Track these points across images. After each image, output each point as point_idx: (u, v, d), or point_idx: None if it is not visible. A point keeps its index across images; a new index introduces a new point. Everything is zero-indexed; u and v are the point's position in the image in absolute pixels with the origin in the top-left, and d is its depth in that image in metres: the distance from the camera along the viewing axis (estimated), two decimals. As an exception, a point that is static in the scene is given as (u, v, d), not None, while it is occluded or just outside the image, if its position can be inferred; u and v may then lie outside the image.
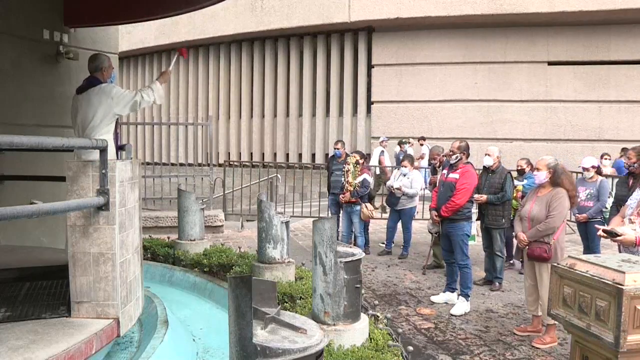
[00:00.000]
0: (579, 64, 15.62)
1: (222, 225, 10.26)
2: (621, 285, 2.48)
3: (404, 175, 8.59)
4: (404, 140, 14.63)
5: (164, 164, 18.93)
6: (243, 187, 12.35)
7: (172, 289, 6.05)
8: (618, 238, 4.06)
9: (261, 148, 18.76)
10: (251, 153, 18.80)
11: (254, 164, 15.74)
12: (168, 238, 7.57)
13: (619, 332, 2.47)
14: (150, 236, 7.69)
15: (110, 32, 7.90)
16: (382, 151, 13.95)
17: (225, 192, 11.98)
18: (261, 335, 2.37)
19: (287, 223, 5.71)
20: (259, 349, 2.23)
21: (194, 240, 6.93)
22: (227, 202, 12.02)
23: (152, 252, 6.83)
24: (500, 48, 15.74)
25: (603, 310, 2.58)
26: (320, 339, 2.43)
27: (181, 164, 15.96)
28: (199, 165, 11.95)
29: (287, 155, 18.24)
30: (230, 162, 14.85)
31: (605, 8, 14.12)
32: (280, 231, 5.61)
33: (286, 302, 4.79)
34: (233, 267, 5.87)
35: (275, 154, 18.39)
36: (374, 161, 13.84)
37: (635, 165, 6.01)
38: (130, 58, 21.32)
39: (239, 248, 7.27)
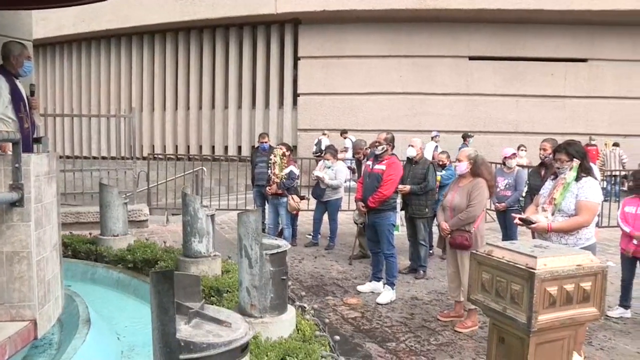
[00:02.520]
0: (498, 59, 16.27)
1: (146, 220, 10.03)
2: (533, 269, 2.60)
3: (329, 167, 8.68)
4: (469, 134, 14.73)
5: (85, 158, 18.29)
6: (168, 181, 12.10)
7: (95, 286, 5.87)
8: (532, 225, 4.28)
9: (186, 140, 18.43)
10: (176, 146, 18.45)
11: (179, 156, 15.46)
12: (90, 234, 7.32)
13: (531, 313, 2.59)
14: (70, 232, 7.41)
15: (21, 16, 7.43)
16: (436, 146, 13.96)
17: (150, 186, 11.70)
18: (185, 330, 2.33)
19: (212, 216, 5.66)
20: (182, 344, 2.19)
21: (117, 235, 6.75)
22: (151, 196, 11.74)
23: (73, 249, 6.59)
24: (424, 42, 16.13)
25: (517, 293, 2.70)
26: (245, 331, 2.42)
27: (103, 158, 15.44)
28: (122, 158, 11.58)
29: (213, 147, 18.02)
30: (155, 155, 14.48)
31: (521, 7, 14.79)
32: (206, 225, 5.55)
33: (213, 296, 4.74)
34: (158, 262, 5.76)
35: (200, 147, 18.13)
36: (427, 157, 13.83)
37: (550, 156, 6.28)
38: (47, 46, 20.33)
39: (164, 243, 7.14)
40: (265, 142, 9.30)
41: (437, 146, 14.11)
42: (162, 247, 6.51)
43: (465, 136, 14.62)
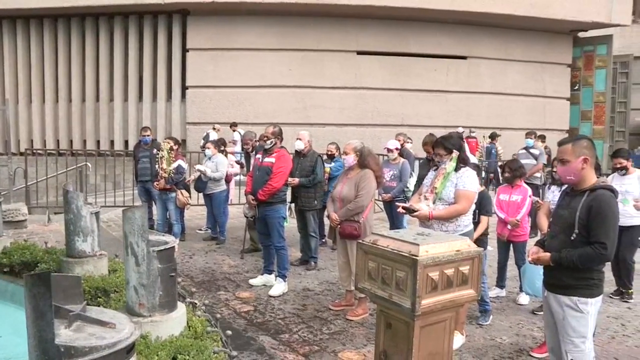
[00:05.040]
0: (385, 54, 16.77)
1: (25, 220, 9.43)
2: (416, 256, 2.72)
3: (209, 159, 8.60)
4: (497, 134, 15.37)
5: (-48, 154, 16.84)
6: (49, 178, 11.43)
7: (-35, 296, 5.44)
8: (415, 214, 4.46)
9: (69, 135, 17.41)
10: (57, 140, 17.38)
11: (60, 152, 14.67)
12: (-43, 237, 6.77)
13: (415, 298, 2.71)
14: None
15: None
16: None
17: (29, 184, 11.00)
18: (65, 334, 2.22)
19: (97, 214, 5.41)
20: (62, 349, 2.09)
21: (-9, 238, 6.30)
22: (30, 195, 11.04)
23: (-63, 256, 6.05)
24: (314, 36, 16.29)
25: (402, 280, 2.81)
26: (131, 332, 2.34)
27: (-27, 153, 14.34)
28: (-4, 154, 10.84)
29: (98, 142, 17.19)
30: (34, 151, 13.64)
31: (406, 5, 15.32)
32: (90, 223, 5.30)
33: (100, 297, 4.55)
34: (39, 264, 5.43)
35: (84, 141, 17.20)
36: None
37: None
38: None
39: (46, 243, 6.75)
40: (148, 136, 9.04)
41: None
42: (43, 248, 6.14)
43: (494, 135, 15.32)
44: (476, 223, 4.99)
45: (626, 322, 5.52)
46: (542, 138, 13.06)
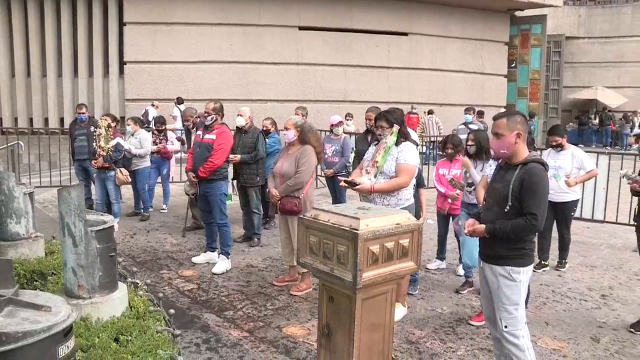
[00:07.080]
0: (327, 30, 16.72)
1: (-49, 203, 8.98)
2: (356, 230, 2.75)
3: (132, 135, 8.45)
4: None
5: None
6: (-23, 157, 10.94)
7: None
8: (357, 187, 4.51)
9: (-2, 112, 16.63)
10: (-14, 118, 16.60)
11: (-11, 130, 14.00)
12: None
13: (356, 272, 2.75)
14: None
15: None
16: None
17: (-45, 164, 10.50)
18: (-5, 322, 2.14)
19: (31, 194, 5.23)
20: (-8, 337, 2.01)
21: None
22: (-43, 175, 10.53)
23: None
24: (254, 11, 16.05)
25: (343, 254, 2.84)
26: (68, 314, 2.28)
27: None
28: None
29: (31, 119, 16.48)
30: (-40, 129, 13.03)
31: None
32: (24, 204, 5.12)
33: (36, 281, 4.42)
34: (-33, 249, 5.21)
35: (16, 119, 16.48)
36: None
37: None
38: None
39: (-25, 226, 6.49)
40: (83, 113, 8.80)
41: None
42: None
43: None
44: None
45: (556, 289, 5.79)
46: (481, 114, 13.39)
